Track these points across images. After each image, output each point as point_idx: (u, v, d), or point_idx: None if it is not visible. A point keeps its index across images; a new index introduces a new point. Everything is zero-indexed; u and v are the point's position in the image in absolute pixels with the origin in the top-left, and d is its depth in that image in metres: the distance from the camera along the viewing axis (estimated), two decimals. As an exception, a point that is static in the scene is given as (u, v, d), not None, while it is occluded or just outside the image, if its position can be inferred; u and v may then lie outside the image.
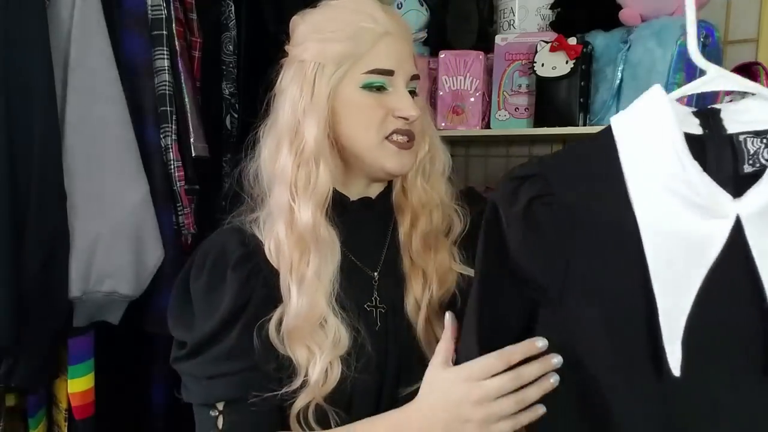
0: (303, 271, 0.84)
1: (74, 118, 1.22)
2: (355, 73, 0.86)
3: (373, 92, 0.87)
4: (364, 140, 0.88)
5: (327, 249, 0.86)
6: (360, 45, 0.85)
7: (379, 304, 0.90)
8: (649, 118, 0.65)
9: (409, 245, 0.92)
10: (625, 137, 0.66)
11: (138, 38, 1.34)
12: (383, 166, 0.88)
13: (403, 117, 0.87)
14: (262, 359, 0.83)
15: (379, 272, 0.92)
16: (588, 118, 1.37)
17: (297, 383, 0.82)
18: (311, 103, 0.86)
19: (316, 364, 0.81)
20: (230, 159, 1.54)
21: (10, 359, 1.20)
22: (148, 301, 1.32)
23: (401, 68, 0.88)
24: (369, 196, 0.95)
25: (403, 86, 0.88)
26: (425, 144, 0.94)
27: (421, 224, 0.92)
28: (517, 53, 1.48)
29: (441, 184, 0.95)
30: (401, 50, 0.89)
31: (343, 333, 0.83)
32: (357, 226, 0.92)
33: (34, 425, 1.36)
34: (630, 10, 1.30)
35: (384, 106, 0.87)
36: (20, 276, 1.14)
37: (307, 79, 0.86)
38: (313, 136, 0.85)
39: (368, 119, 0.87)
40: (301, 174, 0.86)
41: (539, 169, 0.68)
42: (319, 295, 0.83)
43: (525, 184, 0.68)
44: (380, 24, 0.86)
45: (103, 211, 1.23)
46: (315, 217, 0.85)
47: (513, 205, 0.68)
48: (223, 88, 1.57)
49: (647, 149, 0.64)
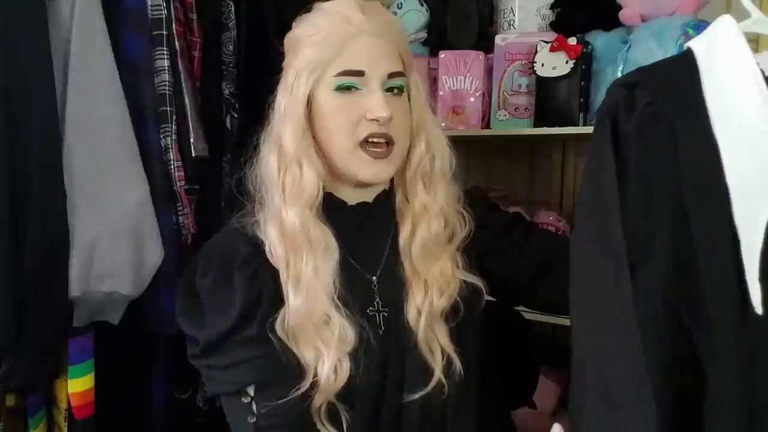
0: (299, 271, 0.84)
1: (74, 118, 1.22)
2: (328, 77, 0.86)
3: (347, 94, 0.86)
4: (336, 145, 0.87)
5: (321, 247, 0.86)
6: (331, 48, 0.85)
7: (382, 308, 0.90)
8: (728, 53, 0.65)
9: (409, 252, 0.91)
10: (707, 69, 0.65)
11: (138, 38, 1.34)
12: (356, 174, 0.88)
13: (374, 118, 0.85)
14: (281, 353, 0.83)
15: (379, 277, 0.92)
16: (588, 118, 1.37)
17: (308, 383, 0.82)
18: (289, 108, 0.88)
19: (325, 362, 0.81)
20: (230, 159, 1.54)
21: (10, 359, 1.20)
22: (148, 301, 1.32)
23: (374, 67, 0.86)
24: (367, 201, 0.94)
25: (377, 86, 0.86)
26: (421, 143, 0.92)
27: (421, 231, 0.91)
28: (517, 53, 1.48)
29: (442, 187, 0.93)
30: (375, 49, 0.87)
31: (348, 329, 0.84)
32: (356, 230, 0.92)
33: (34, 425, 1.36)
34: (630, 10, 1.30)
35: (357, 109, 0.86)
36: (20, 276, 1.14)
37: (288, 86, 0.89)
38: (290, 140, 0.87)
39: (340, 123, 0.86)
40: (287, 177, 0.87)
41: (644, 76, 0.67)
42: (319, 292, 0.84)
43: (636, 90, 0.66)
44: (354, 24, 0.86)
45: (103, 211, 1.23)
46: (302, 218, 0.85)
47: (630, 113, 0.65)
48: (223, 88, 1.57)
49: (729, 86, 0.63)
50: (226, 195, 1.43)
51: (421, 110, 0.93)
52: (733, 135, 0.62)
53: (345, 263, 0.89)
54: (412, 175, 0.92)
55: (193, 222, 1.41)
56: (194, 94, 1.44)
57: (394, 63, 0.88)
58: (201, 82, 1.50)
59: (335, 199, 0.92)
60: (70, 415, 1.35)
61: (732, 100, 0.63)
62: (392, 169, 0.90)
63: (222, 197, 1.49)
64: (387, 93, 0.87)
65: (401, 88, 0.89)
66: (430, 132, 0.93)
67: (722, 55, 0.66)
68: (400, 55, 0.90)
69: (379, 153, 0.86)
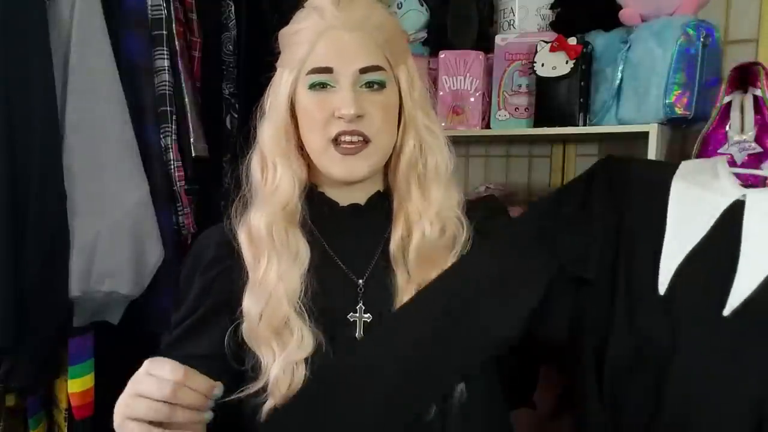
0: (263, 275, 0.83)
1: (74, 118, 1.22)
2: (302, 75, 0.84)
3: (320, 92, 0.84)
4: (312, 143, 0.86)
5: (289, 252, 0.84)
6: (305, 45, 0.84)
7: (364, 314, 0.86)
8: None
9: (402, 258, 0.86)
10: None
11: (138, 38, 1.34)
12: (329, 172, 0.85)
13: (340, 116, 0.82)
14: (233, 358, 0.83)
15: (366, 281, 0.87)
16: (588, 118, 1.37)
17: (260, 384, 0.81)
18: (271, 108, 0.88)
19: (277, 364, 0.80)
20: (230, 159, 1.54)
21: (10, 359, 1.20)
22: (148, 301, 1.32)
23: (344, 63, 0.82)
24: (358, 203, 0.91)
25: (347, 82, 0.83)
26: (410, 140, 0.88)
27: (416, 237, 0.86)
28: (517, 53, 1.48)
29: (438, 189, 0.88)
30: (347, 43, 0.83)
31: (306, 334, 0.81)
32: (346, 231, 0.89)
33: (34, 425, 1.36)
34: (630, 10, 1.30)
35: (327, 107, 0.83)
36: (20, 276, 1.14)
37: (274, 87, 0.88)
38: (267, 141, 0.87)
39: (311, 121, 0.85)
40: (264, 177, 0.87)
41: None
42: (280, 297, 0.82)
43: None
44: (326, 19, 0.83)
45: (103, 211, 1.23)
46: (269, 222, 0.84)
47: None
48: (223, 88, 1.58)
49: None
50: (226, 195, 1.43)
51: (412, 106, 0.88)
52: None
53: (329, 265, 0.87)
54: (403, 175, 0.88)
55: (193, 222, 1.41)
56: (194, 94, 1.44)
57: (369, 57, 0.84)
58: (201, 82, 1.50)
59: (326, 199, 0.90)
60: (70, 415, 1.35)
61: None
62: (366, 167, 0.85)
63: (222, 197, 1.49)
64: (365, 89, 0.84)
65: (381, 83, 0.84)
66: (423, 130, 0.89)
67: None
68: (381, 48, 0.85)
69: (350, 149, 0.83)
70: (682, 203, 0.80)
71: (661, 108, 1.23)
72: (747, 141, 1.12)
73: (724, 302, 0.73)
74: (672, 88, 1.22)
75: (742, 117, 1.13)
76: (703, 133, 1.17)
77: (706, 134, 1.17)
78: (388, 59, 0.86)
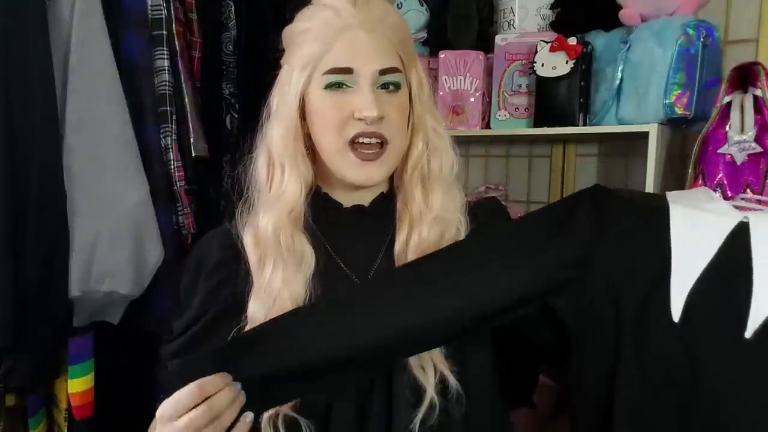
0: (268, 280, 0.82)
1: (74, 118, 1.22)
2: (318, 74, 0.82)
3: (336, 92, 0.82)
4: (326, 145, 0.84)
5: (293, 257, 0.83)
6: (321, 44, 0.81)
7: None
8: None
9: (404, 259, 0.86)
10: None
11: (138, 38, 1.34)
12: (344, 176, 0.84)
13: (361, 118, 0.81)
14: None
15: None
16: (588, 118, 1.37)
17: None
18: (280, 107, 0.86)
19: None
20: (230, 159, 1.54)
21: (10, 359, 1.20)
22: (148, 301, 1.32)
23: (363, 64, 0.81)
24: (362, 204, 0.90)
25: (367, 83, 0.81)
26: (419, 142, 0.88)
27: (414, 238, 0.86)
28: (517, 53, 1.48)
29: (441, 190, 0.88)
30: (365, 44, 0.81)
31: None
32: (350, 233, 0.89)
33: (34, 425, 1.36)
34: (630, 10, 1.30)
35: (346, 108, 0.82)
36: (20, 276, 1.14)
37: (281, 85, 0.86)
38: (277, 142, 0.85)
39: (328, 122, 0.83)
40: (270, 180, 0.86)
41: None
42: (285, 302, 0.81)
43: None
44: (343, 18, 0.81)
45: (103, 211, 1.23)
46: (277, 225, 0.83)
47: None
48: (223, 88, 1.58)
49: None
50: (226, 195, 1.43)
51: (421, 108, 0.88)
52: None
53: (333, 267, 0.86)
54: (409, 177, 0.88)
55: (193, 222, 1.41)
56: (194, 94, 1.44)
57: (387, 59, 0.83)
58: (201, 82, 1.50)
59: (331, 201, 0.90)
60: (70, 415, 1.35)
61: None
62: (384, 172, 0.85)
63: (222, 197, 1.49)
64: (381, 90, 0.83)
65: (397, 84, 0.84)
66: (430, 132, 0.89)
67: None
68: (396, 50, 0.84)
69: (369, 155, 0.82)
70: (686, 226, 0.78)
71: (661, 108, 1.24)
72: (747, 141, 1.12)
73: (745, 324, 0.72)
74: (672, 88, 1.22)
75: (742, 117, 1.13)
76: (703, 133, 1.17)
77: (706, 134, 1.17)
78: (402, 60, 0.85)
